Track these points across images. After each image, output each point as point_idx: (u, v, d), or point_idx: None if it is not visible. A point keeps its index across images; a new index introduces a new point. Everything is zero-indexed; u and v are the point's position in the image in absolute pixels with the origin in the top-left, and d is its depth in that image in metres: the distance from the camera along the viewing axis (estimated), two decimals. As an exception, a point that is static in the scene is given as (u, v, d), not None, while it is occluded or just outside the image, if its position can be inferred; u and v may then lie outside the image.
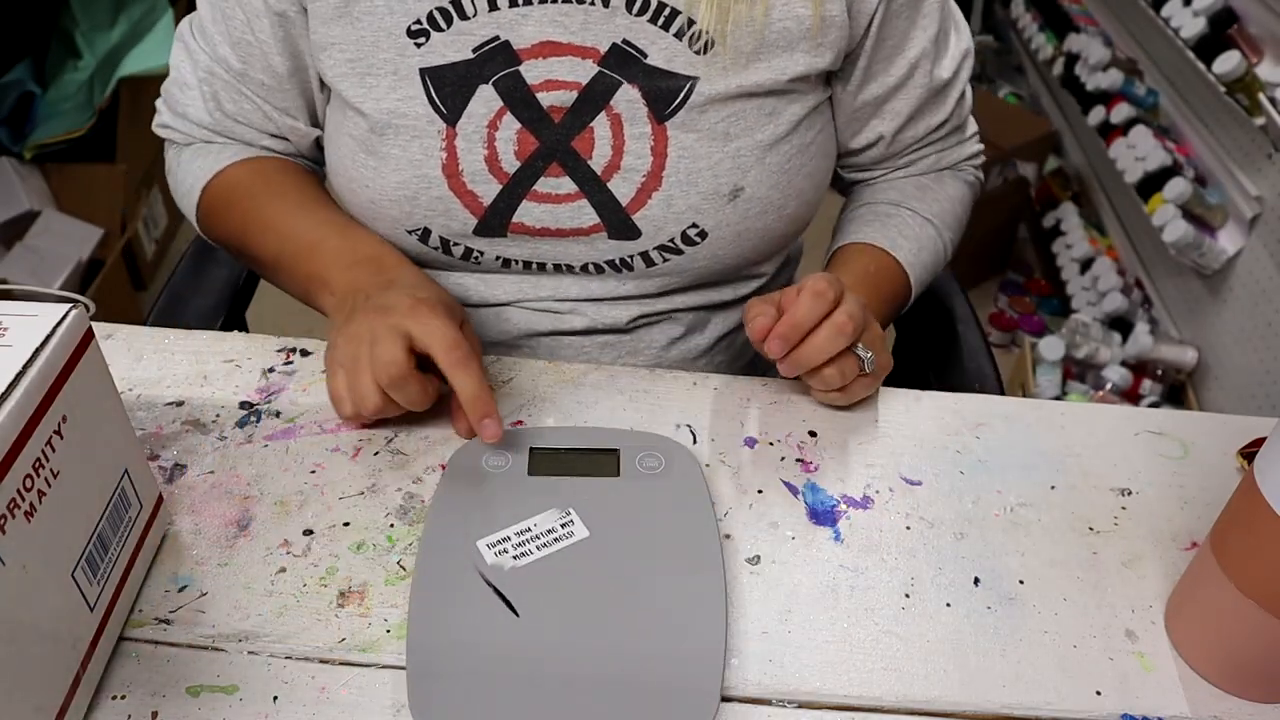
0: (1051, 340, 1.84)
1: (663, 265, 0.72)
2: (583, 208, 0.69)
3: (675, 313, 0.78)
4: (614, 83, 0.66)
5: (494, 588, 0.53)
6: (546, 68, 0.66)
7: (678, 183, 0.68)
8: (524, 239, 0.71)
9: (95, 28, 1.97)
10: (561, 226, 0.70)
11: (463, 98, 0.66)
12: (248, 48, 0.70)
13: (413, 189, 0.68)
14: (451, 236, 0.71)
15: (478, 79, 0.66)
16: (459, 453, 0.61)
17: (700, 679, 0.50)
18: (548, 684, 0.49)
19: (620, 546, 0.56)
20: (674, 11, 0.64)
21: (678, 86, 0.66)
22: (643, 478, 0.60)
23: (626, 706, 0.49)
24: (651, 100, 0.66)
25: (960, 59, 0.75)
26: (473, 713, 0.48)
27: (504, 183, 0.68)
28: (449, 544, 0.55)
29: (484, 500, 0.58)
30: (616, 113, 0.67)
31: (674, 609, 0.53)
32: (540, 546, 0.55)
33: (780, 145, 0.69)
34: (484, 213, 0.69)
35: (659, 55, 0.65)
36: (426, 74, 0.66)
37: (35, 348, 0.44)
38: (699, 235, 0.70)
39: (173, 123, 0.78)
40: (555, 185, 0.69)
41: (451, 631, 0.51)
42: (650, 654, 0.51)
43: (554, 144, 0.67)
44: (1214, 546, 0.52)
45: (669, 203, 0.69)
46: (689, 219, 0.69)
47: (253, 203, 0.74)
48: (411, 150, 0.67)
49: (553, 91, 0.66)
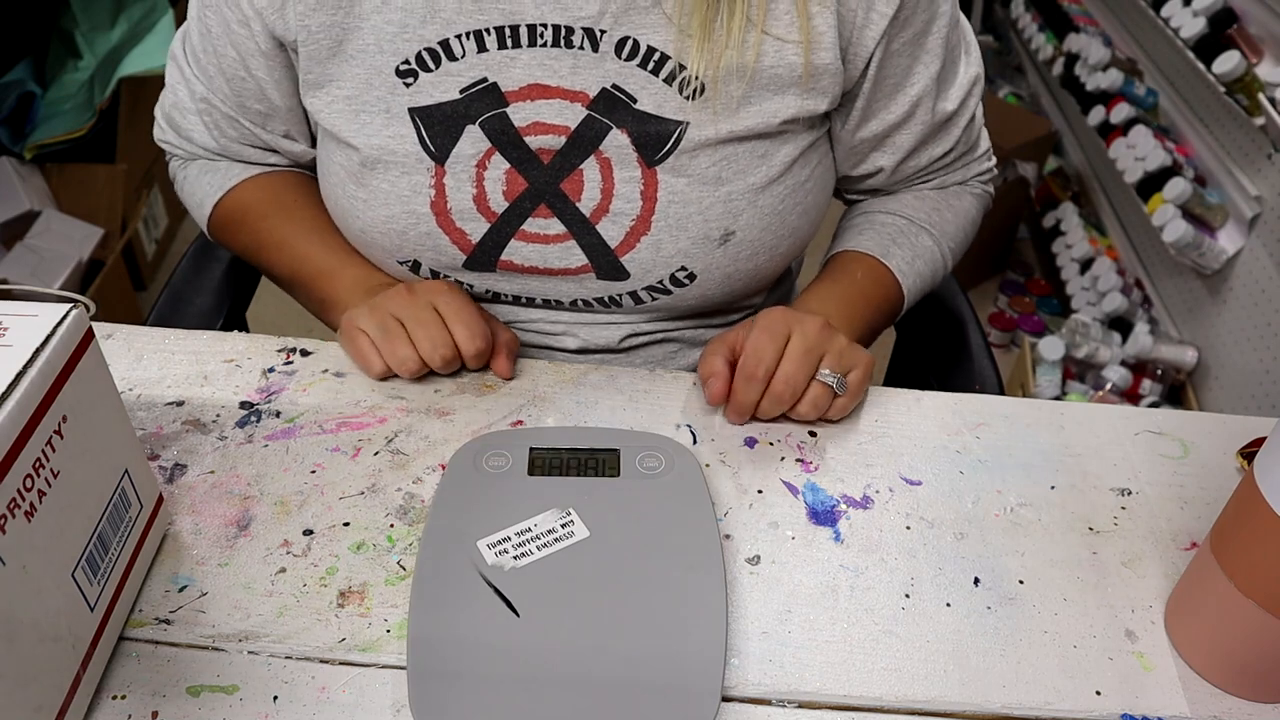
0: (1051, 340, 1.84)
1: (651, 304, 0.73)
2: (571, 249, 0.69)
3: (667, 334, 0.78)
4: (603, 127, 0.66)
5: (494, 588, 0.53)
6: (534, 110, 0.65)
7: (667, 227, 0.68)
8: (513, 275, 0.71)
9: (95, 28, 1.97)
10: (550, 266, 0.70)
11: (451, 137, 0.66)
12: (242, 83, 0.71)
13: (401, 224, 0.68)
14: (441, 270, 0.71)
15: (464, 119, 0.66)
16: (459, 453, 0.61)
17: (701, 679, 0.50)
18: (548, 684, 0.49)
19: (621, 546, 0.56)
20: (664, 57, 0.64)
21: (668, 131, 0.66)
22: (643, 478, 0.60)
23: (627, 706, 0.49)
24: (641, 145, 0.66)
25: (968, 87, 0.73)
26: (473, 712, 0.48)
27: (492, 221, 0.68)
28: (449, 544, 0.56)
29: (484, 500, 0.58)
30: (606, 156, 0.66)
31: (674, 609, 0.53)
32: (540, 547, 0.55)
33: (773, 187, 0.69)
34: (472, 249, 0.69)
35: (649, 100, 0.65)
36: (416, 113, 0.66)
37: (35, 348, 0.44)
38: (688, 278, 0.70)
39: (176, 141, 0.79)
40: (543, 226, 0.69)
41: (452, 631, 0.51)
42: (651, 654, 0.51)
43: (542, 185, 0.67)
44: (1214, 546, 0.52)
45: (658, 247, 0.68)
46: (678, 262, 0.69)
47: (265, 223, 0.76)
48: (400, 186, 0.67)
49: (541, 135, 0.66)
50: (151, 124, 0.81)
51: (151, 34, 1.97)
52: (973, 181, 0.81)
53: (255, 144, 0.76)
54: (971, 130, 0.77)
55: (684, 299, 0.72)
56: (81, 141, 1.90)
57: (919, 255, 0.76)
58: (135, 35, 1.97)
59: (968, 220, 0.80)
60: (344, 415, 0.65)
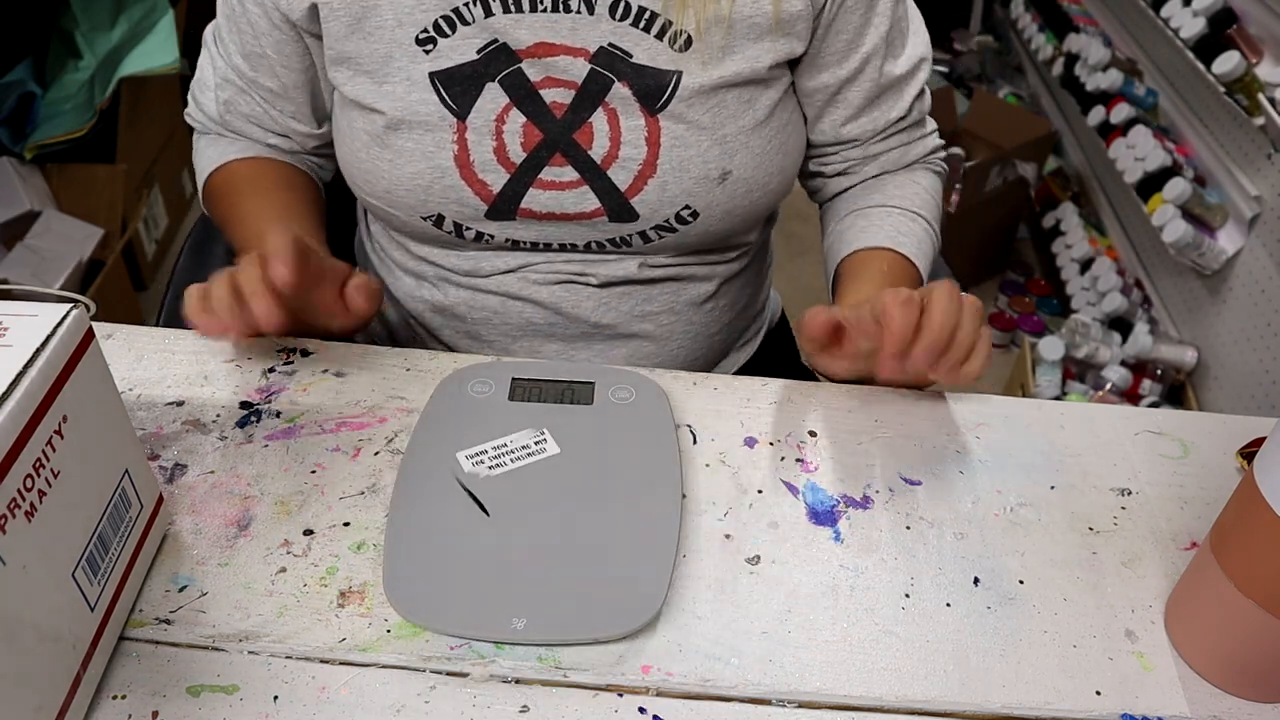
0: (1051, 340, 1.84)
1: (659, 241, 0.77)
2: (585, 194, 0.74)
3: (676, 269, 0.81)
4: (607, 80, 0.70)
5: (468, 491, 0.58)
6: (544, 66, 0.70)
7: (671, 169, 0.72)
8: (531, 222, 0.75)
9: (95, 28, 1.97)
10: (566, 211, 0.75)
11: (472, 95, 0.71)
12: (258, 59, 0.77)
13: (427, 179, 0.73)
14: (464, 221, 0.75)
15: (484, 77, 0.70)
16: (446, 379, 0.66)
17: (649, 582, 0.54)
18: (509, 575, 0.54)
19: (587, 462, 0.60)
20: (653, 15, 0.69)
21: (665, 81, 0.71)
22: (614, 406, 0.65)
23: (579, 599, 0.53)
24: (641, 96, 0.71)
25: (916, 61, 0.79)
26: (439, 592, 0.53)
27: (511, 172, 0.73)
28: (431, 452, 0.61)
29: (466, 419, 0.63)
30: (612, 108, 0.72)
31: (631, 517, 0.57)
32: (514, 460, 0.60)
33: (762, 129, 0.74)
34: (494, 199, 0.74)
35: (644, 55, 0.70)
36: (436, 77, 0.70)
37: (36, 348, 0.44)
38: (691, 215, 0.75)
39: (195, 114, 0.86)
40: (559, 174, 0.73)
41: (426, 523, 0.57)
42: (606, 555, 0.55)
43: (556, 136, 0.72)
44: (1214, 546, 0.52)
45: (664, 188, 0.73)
46: (682, 201, 0.74)
47: (239, 198, 0.80)
48: (425, 143, 0.72)
49: (553, 89, 0.71)
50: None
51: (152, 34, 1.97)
52: (930, 159, 0.87)
53: (261, 123, 0.81)
54: (921, 104, 0.83)
55: (688, 236, 0.77)
56: (82, 142, 1.90)
57: (920, 240, 0.80)
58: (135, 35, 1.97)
59: (938, 195, 0.86)
60: (344, 415, 0.65)
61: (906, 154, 0.84)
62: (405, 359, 0.70)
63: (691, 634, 0.54)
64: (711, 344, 0.87)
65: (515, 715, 0.50)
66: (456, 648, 0.52)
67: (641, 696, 0.51)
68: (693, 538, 0.59)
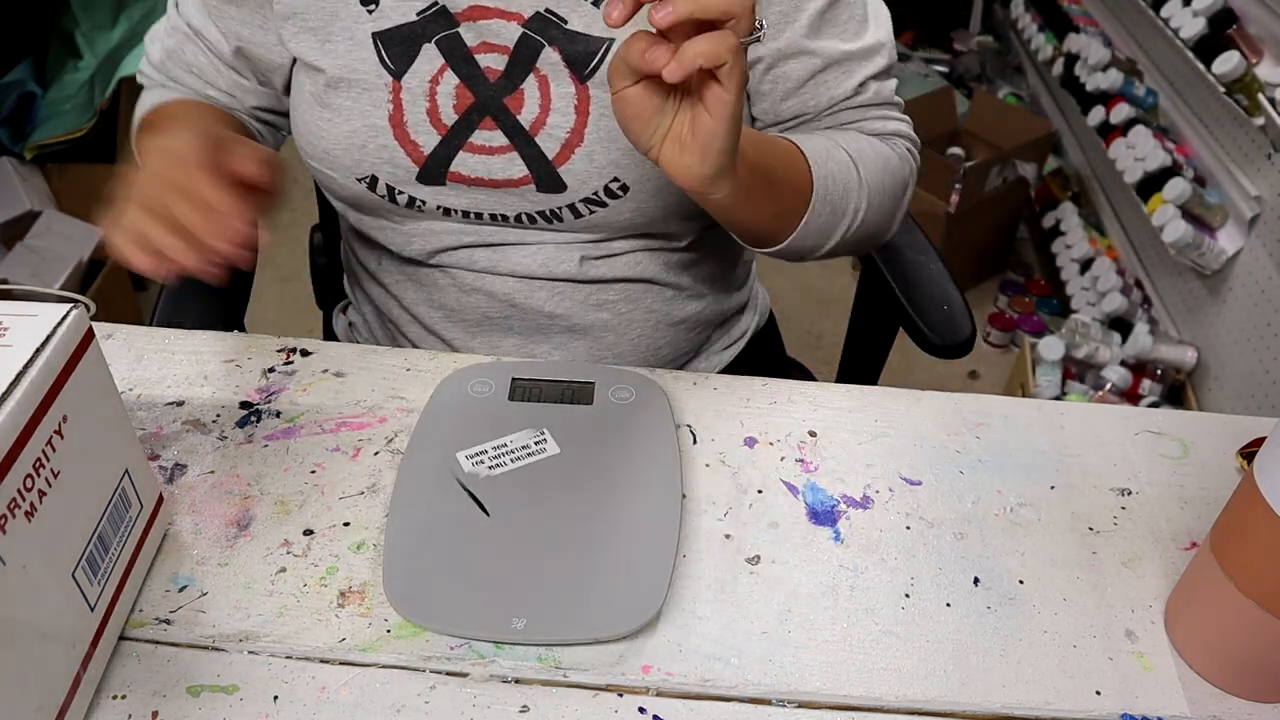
0: (1051, 340, 1.84)
1: (590, 218, 0.76)
2: (514, 160, 0.74)
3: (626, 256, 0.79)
4: (537, 44, 0.71)
5: (468, 490, 0.58)
6: (480, 30, 0.71)
7: (599, 139, 0.72)
8: (461, 188, 0.75)
9: (95, 28, 1.97)
10: (494, 177, 0.74)
11: (409, 56, 0.72)
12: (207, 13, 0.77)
13: (361, 138, 0.73)
14: (396, 184, 0.75)
15: (421, 38, 0.71)
16: (447, 379, 0.67)
17: (649, 582, 0.54)
18: (510, 573, 0.54)
19: (587, 463, 0.61)
20: None
21: (595, 48, 0.70)
22: (614, 407, 0.65)
23: (581, 597, 0.53)
24: (571, 62, 0.71)
25: (872, 44, 0.76)
26: (438, 591, 0.53)
27: (443, 134, 0.73)
28: (431, 452, 0.61)
29: (466, 418, 0.63)
30: (543, 74, 0.71)
31: (631, 517, 0.57)
32: (514, 459, 0.61)
33: None
34: (425, 160, 0.74)
35: (579, 21, 0.70)
36: (377, 37, 0.71)
37: (36, 348, 0.44)
38: (621, 189, 0.74)
39: (143, 67, 0.85)
40: (488, 138, 0.73)
41: (426, 523, 0.57)
42: (605, 555, 0.55)
43: (487, 100, 0.72)
44: (1214, 546, 0.52)
45: (590, 157, 0.73)
46: (610, 173, 0.73)
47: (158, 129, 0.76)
48: (361, 103, 0.72)
49: (489, 54, 0.72)
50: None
51: (152, 34, 1.97)
52: (894, 140, 0.80)
53: (204, 75, 0.80)
54: (881, 89, 0.78)
55: (619, 212, 0.75)
56: (82, 142, 1.90)
57: (831, 158, 0.74)
58: (135, 35, 1.97)
59: (885, 168, 0.78)
60: (344, 415, 0.65)
61: (862, 126, 0.79)
62: (405, 359, 0.70)
63: (691, 634, 0.54)
64: (677, 332, 0.85)
65: (515, 715, 0.50)
66: (456, 648, 0.52)
67: (641, 696, 0.51)
68: (693, 538, 0.59)
